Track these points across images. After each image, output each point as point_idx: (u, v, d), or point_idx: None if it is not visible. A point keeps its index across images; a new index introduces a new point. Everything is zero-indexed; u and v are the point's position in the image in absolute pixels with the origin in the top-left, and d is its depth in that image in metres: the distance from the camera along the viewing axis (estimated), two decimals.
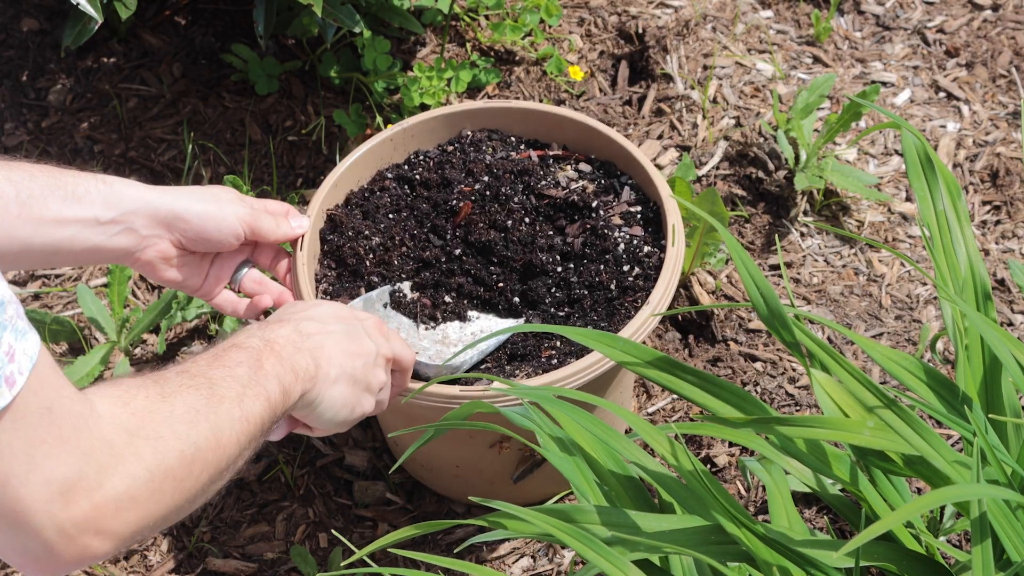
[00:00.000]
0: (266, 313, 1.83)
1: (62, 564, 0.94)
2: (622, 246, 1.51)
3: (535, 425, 1.21)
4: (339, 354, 1.23)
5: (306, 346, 1.20)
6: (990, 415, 1.24)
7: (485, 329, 1.52)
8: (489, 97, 2.07)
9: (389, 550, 1.21)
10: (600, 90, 2.10)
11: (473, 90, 2.08)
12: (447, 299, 1.53)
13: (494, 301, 1.53)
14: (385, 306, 1.51)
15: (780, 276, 1.88)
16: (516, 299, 1.52)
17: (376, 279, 1.53)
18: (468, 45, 2.14)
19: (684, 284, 1.84)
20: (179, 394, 1.02)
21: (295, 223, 1.47)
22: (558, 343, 1.47)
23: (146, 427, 0.98)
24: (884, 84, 2.10)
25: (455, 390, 1.38)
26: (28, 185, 1.24)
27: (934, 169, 1.35)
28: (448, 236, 1.56)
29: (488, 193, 1.56)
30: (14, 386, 0.87)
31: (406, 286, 1.53)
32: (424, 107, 1.97)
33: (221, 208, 1.37)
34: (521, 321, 1.51)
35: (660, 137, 2.02)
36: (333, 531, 1.65)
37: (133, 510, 0.95)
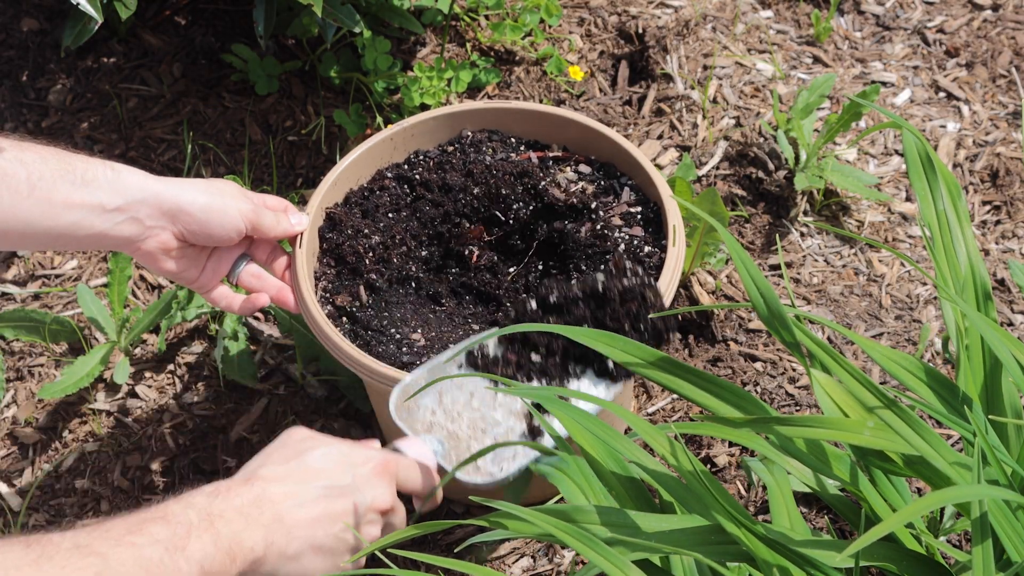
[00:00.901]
0: (263, 311, 1.83)
1: None
2: (622, 246, 1.51)
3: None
4: (307, 524, 1.13)
5: (263, 519, 1.10)
6: (990, 416, 1.24)
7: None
8: (489, 97, 2.07)
9: (388, 550, 1.21)
10: (600, 90, 2.10)
11: (473, 90, 2.08)
12: (534, 357, 1.35)
13: (588, 357, 1.36)
14: (460, 367, 1.35)
15: (780, 276, 1.87)
16: (611, 363, 1.34)
17: (375, 276, 1.53)
18: (468, 45, 2.14)
19: (684, 284, 1.83)
20: None
21: (294, 220, 1.46)
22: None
23: None
24: (884, 84, 2.09)
25: None
26: (39, 167, 1.24)
27: (935, 169, 1.35)
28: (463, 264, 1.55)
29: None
30: None
31: (491, 343, 1.37)
32: (424, 107, 1.97)
33: (224, 202, 1.37)
34: (619, 387, 1.35)
35: (660, 137, 2.01)
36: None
37: None
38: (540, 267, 1.57)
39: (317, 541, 1.14)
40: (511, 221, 1.57)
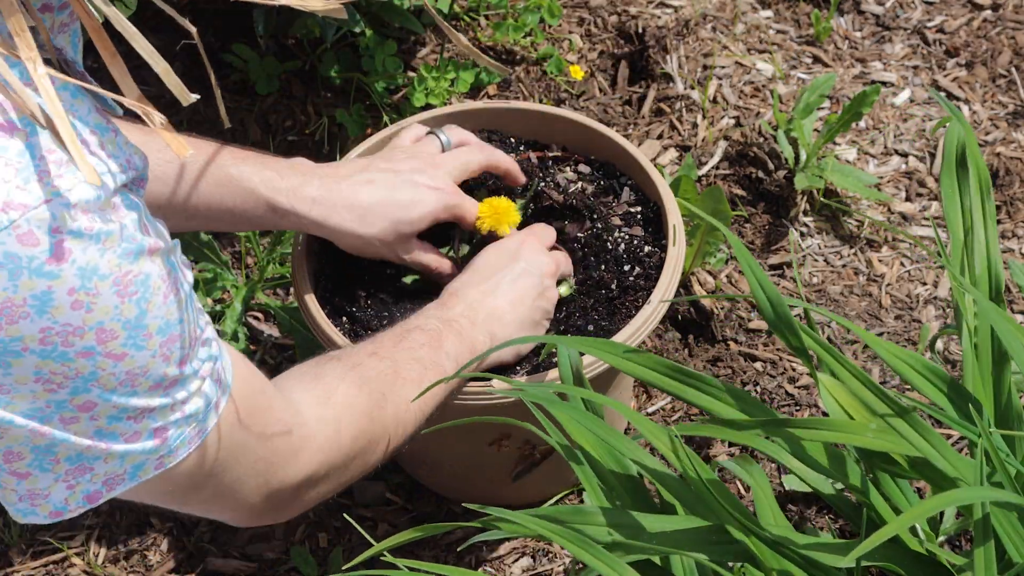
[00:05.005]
0: (264, 311, 1.83)
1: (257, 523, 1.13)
2: (622, 246, 1.51)
3: (538, 422, 1.21)
4: (508, 310, 1.33)
5: (480, 318, 1.31)
6: (1000, 430, 1.23)
7: None
8: (489, 97, 2.07)
9: (387, 551, 1.21)
10: (600, 90, 2.10)
11: (474, 90, 2.08)
12: None
13: None
14: None
15: (780, 276, 1.88)
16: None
17: (374, 276, 1.53)
18: None
19: (684, 284, 1.84)
20: (372, 381, 1.16)
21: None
22: None
23: (344, 418, 1.13)
24: (884, 84, 2.10)
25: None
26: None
27: (965, 164, 1.33)
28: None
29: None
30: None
31: None
32: (427, 107, 1.97)
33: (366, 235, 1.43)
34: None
35: (660, 137, 2.01)
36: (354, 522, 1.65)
37: (321, 486, 1.14)
38: None
39: (522, 317, 1.35)
40: None
